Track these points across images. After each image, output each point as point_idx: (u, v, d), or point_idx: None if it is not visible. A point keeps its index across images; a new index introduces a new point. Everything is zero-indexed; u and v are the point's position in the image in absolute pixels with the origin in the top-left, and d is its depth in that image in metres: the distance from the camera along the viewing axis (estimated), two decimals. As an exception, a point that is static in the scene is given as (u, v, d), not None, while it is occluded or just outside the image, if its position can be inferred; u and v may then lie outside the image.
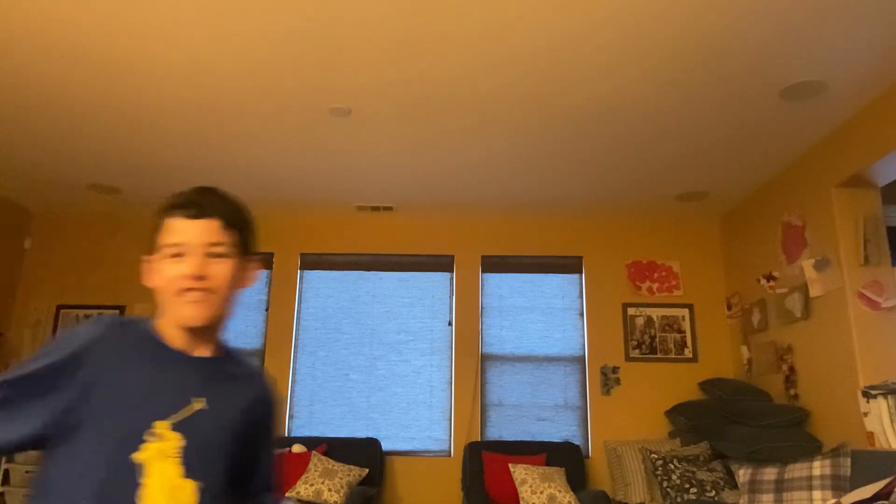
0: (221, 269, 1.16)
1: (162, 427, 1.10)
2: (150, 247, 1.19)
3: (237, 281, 1.20)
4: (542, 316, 5.47)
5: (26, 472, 4.64)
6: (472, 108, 3.76)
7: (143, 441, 1.08)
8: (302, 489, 4.41)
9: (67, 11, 2.93)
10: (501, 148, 4.28)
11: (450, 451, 5.17)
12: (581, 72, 3.36)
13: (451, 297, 5.52)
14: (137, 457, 1.07)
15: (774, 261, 4.58)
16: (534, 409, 5.26)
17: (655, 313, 5.40)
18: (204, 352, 1.21)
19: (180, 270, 1.13)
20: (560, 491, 4.40)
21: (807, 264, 4.08)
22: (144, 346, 1.17)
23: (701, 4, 2.81)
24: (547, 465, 4.67)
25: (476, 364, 5.32)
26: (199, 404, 1.14)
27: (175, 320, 1.16)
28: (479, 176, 4.75)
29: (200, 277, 1.13)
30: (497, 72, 3.38)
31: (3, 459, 4.67)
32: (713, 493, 4.17)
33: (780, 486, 3.60)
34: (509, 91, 3.56)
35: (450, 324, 5.45)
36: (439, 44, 3.14)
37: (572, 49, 3.16)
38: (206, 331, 1.19)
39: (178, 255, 1.14)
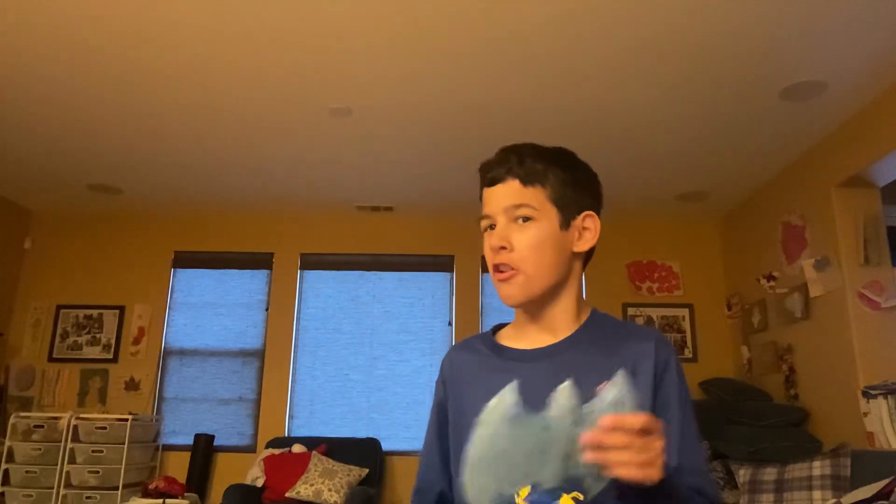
0: (525, 236, 1.00)
1: None
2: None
3: (558, 244, 1.02)
4: (542, 316, 5.46)
5: (26, 472, 4.64)
6: (472, 109, 3.76)
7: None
8: (302, 489, 4.41)
9: (68, 11, 2.93)
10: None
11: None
12: (580, 73, 3.36)
13: (451, 297, 5.51)
14: None
15: (774, 261, 4.58)
16: (534, 409, 5.25)
17: (655, 313, 5.40)
18: (548, 337, 1.04)
19: (489, 244, 1.02)
20: (560, 491, 4.40)
21: (807, 264, 4.08)
22: (483, 355, 1.07)
23: (701, 4, 2.81)
24: (547, 465, 4.65)
25: (476, 364, 5.32)
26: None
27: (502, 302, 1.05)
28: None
29: (501, 247, 1.00)
30: (496, 73, 3.38)
31: (3, 459, 4.67)
32: (713, 493, 4.16)
33: (780, 486, 3.60)
34: (509, 92, 3.56)
35: (450, 324, 5.45)
36: (440, 44, 3.14)
37: (572, 50, 3.16)
38: (540, 311, 1.04)
39: (489, 226, 1.04)
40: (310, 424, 5.26)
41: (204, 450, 5.00)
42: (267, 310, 5.49)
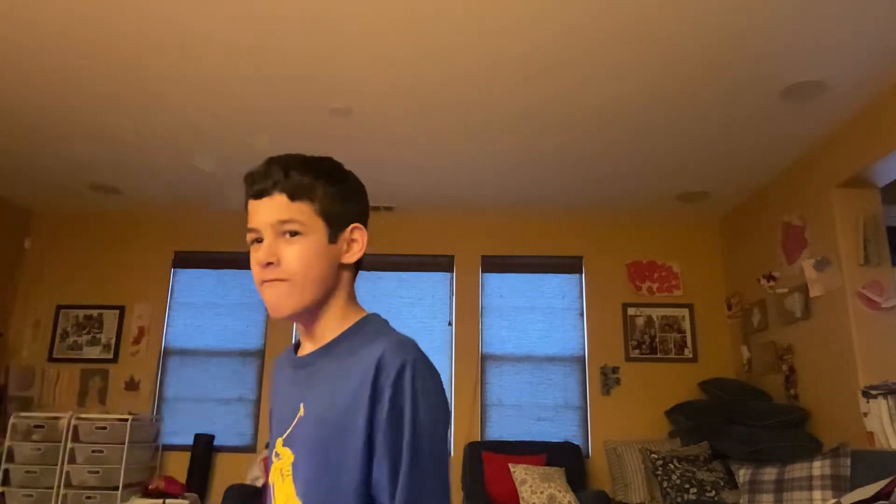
0: (294, 251, 0.99)
1: (279, 444, 1.03)
2: None
3: (326, 257, 1.02)
4: (542, 316, 5.47)
5: (26, 472, 4.64)
6: (473, 109, 3.76)
7: (272, 462, 1.04)
8: (302, 489, 4.40)
9: (68, 14, 2.93)
10: (502, 148, 4.28)
11: (450, 451, 5.17)
12: (581, 72, 3.36)
13: (451, 297, 5.51)
14: (270, 478, 1.04)
15: (774, 261, 4.58)
16: (534, 409, 5.26)
17: (655, 313, 5.39)
18: (312, 347, 1.07)
19: (256, 258, 1.01)
20: (560, 491, 4.40)
21: (807, 264, 4.08)
22: (287, 363, 1.13)
23: (701, 5, 2.81)
24: (547, 465, 4.67)
25: (476, 364, 5.32)
26: (300, 411, 1.01)
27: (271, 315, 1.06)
28: (480, 176, 4.75)
29: (269, 263, 0.99)
30: (497, 72, 3.38)
31: (3, 459, 4.67)
32: (713, 493, 4.17)
33: (780, 486, 3.60)
34: (509, 91, 3.56)
35: (450, 324, 5.45)
36: (440, 44, 3.14)
37: (572, 50, 3.16)
38: (309, 322, 1.06)
39: (256, 240, 1.03)
40: (310, 424, 5.26)
41: (204, 450, 5.00)
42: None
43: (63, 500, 4.55)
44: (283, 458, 1.01)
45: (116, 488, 4.55)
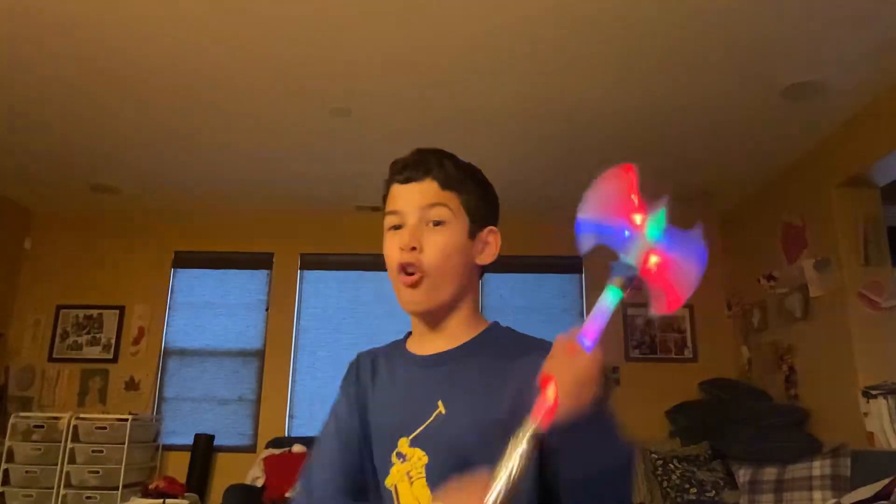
0: (437, 241, 0.98)
1: (404, 444, 0.96)
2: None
3: (465, 253, 1.01)
4: (542, 316, 5.46)
5: (26, 472, 4.64)
6: (471, 109, 3.76)
7: (391, 464, 0.96)
8: (302, 489, 4.40)
9: (68, 12, 2.93)
10: (500, 148, 4.28)
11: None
12: (580, 72, 3.36)
13: (451, 297, 5.50)
14: (389, 482, 0.95)
15: (774, 261, 4.57)
16: (534, 409, 5.25)
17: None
18: (444, 344, 1.03)
19: (396, 243, 1.00)
20: (560, 491, 4.40)
21: (807, 264, 4.08)
22: (391, 360, 1.09)
23: (701, 5, 2.81)
24: (547, 465, 4.65)
25: (476, 364, 5.32)
26: (438, 410, 0.95)
27: (402, 307, 1.03)
28: (479, 176, 4.74)
29: (413, 248, 0.98)
30: (496, 72, 3.38)
31: (3, 459, 4.66)
32: (713, 493, 4.17)
33: (780, 486, 3.60)
34: (508, 91, 3.56)
35: (450, 324, 5.44)
36: (439, 44, 3.14)
37: (571, 49, 3.16)
38: (440, 318, 1.03)
39: (396, 226, 1.02)
40: (310, 424, 5.25)
41: (204, 450, 5.00)
42: (267, 310, 5.49)
43: (63, 500, 4.55)
44: (412, 460, 0.94)
45: (116, 488, 4.54)
